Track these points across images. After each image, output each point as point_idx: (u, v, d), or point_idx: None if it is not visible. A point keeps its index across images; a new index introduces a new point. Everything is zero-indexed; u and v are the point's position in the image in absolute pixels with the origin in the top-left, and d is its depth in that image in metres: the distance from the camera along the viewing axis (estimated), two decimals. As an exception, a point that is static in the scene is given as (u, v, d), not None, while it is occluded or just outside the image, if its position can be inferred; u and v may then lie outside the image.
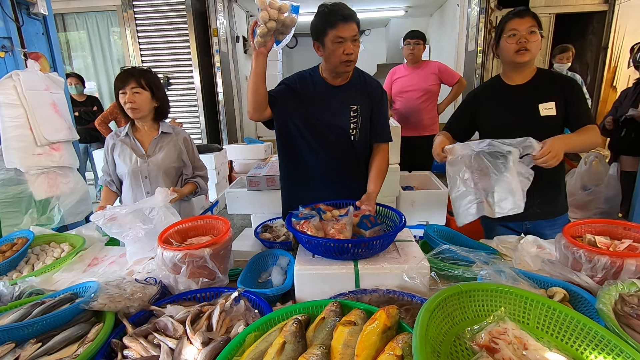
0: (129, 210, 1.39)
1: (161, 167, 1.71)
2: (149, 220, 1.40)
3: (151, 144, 1.73)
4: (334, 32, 1.34)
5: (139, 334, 0.92)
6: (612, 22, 4.55)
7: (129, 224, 1.38)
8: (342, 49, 1.36)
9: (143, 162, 1.71)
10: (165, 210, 1.43)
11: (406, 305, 0.97)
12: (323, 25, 1.36)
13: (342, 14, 1.34)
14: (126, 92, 1.61)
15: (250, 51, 5.96)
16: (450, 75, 3.21)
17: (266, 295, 1.08)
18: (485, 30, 4.86)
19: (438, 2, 6.39)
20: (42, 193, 2.23)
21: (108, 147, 1.76)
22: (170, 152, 1.73)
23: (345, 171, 1.57)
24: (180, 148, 1.76)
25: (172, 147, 1.74)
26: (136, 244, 1.41)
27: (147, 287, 1.08)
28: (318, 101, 1.50)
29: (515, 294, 0.84)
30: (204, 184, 1.83)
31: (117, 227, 1.38)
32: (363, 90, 1.54)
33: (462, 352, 0.74)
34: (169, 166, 1.73)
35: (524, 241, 1.37)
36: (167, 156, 1.72)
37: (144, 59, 5.15)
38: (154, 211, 1.41)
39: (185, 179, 1.80)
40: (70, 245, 1.56)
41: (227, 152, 4.60)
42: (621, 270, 0.97)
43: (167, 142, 1.74)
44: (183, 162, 1.78)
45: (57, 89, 2.29)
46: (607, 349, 0.70)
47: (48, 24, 2.43)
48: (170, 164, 1.73)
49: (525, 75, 1.48)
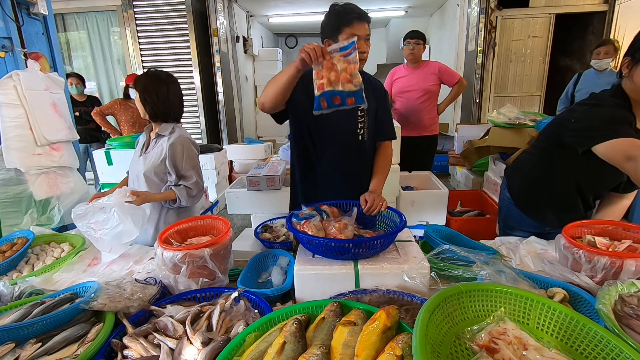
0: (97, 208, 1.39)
1: (142, 169, 1.68)
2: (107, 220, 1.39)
3: (150, 144, 1.74)
4: (349, 29, 1.35)
5: (139, 334, 0.92)
6: (612, 22, 4.55)
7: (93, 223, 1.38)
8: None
9: (137, 161, 1.73)
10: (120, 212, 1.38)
11: (406, 305, 0.97)
12: (338, 22, 1.36)
13: (358, 12, 1.36)
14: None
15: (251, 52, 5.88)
16: (451, 76, 3.21)
17: (266, 295, 1.08)
18: (485, 30, 4.86)
19: (438, 2, 6.40)
20: (42, 193, 2.22)
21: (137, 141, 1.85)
22: (154, 155, 1.68)
23: (352, 170, 1.57)
24: (165, 153, 1.63)
25: (159, 151, 1.68)
26: (96, 243, 1.40)
27: (147, 287, 1.08)
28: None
29: (515, 294, 0.84)
30: (185, 196, 1.63)
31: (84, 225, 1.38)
32: (369, 90, 1.54)
33: (462, 352, 0.74)
34: (150, 169, 1.67)
35: (524, 242, 1.37)
36: (150, 159, 1.68)
37: (144, 59, 5.15)
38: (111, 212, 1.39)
39: (168, 186, 1.68)
40: (70, 245, 1.56)
41: (227, 152, 4.60)
42: (621, 271, 0.97)
43: (159, 144, 1.70)
44: (167, 169, 1.65)
45: (57, 89, 2.29)
46: (607, 350, 0.70)
47: (48, 24, 2.44)
48: (151, 167, 1.66)
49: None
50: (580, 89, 3.41)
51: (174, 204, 1.67)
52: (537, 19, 4.90)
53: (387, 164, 1.59)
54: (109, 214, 1.39)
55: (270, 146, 4.88)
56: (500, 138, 3.03)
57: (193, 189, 1.66)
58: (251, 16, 6.80)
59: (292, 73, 1.25)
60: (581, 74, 3.49)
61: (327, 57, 1.17)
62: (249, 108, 6.88)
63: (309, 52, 1.15)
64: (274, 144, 5.38)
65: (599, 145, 1.21)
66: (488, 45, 4.94)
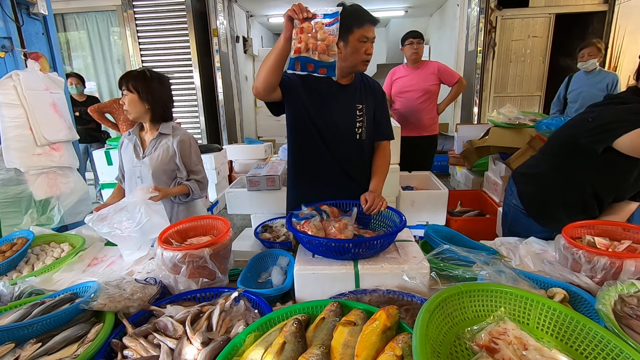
0: (117, 209, 1.40)
1: (150, 168, 1.69)
2: (134, 218, 1.40)
3: (149, 145, 1.73)
4: (361, 31, 1.38)
5: (138, 334, 0.92)
6: (612, 22, 4.55)
7: (116, 223, 1.39)
8: (364, 49, 1.41)
9: (138, 162, 1.72)
10: (146, 208, 1.42)
11: (406, 305, 0.97)
12: (351, 22, 1.38)
13: (371, 15, 1.41)
14: (124, 95, 1.66)
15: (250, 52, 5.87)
16: (450, 75, 3.21)
17: (266, 295, 1.08)
18: (485, 30, 4.86)
19: (438, 2, 6.40)
20: (42, 193, 2.22)
21: (121, 143, 1.81)
22: (162, 154, 1.71)
23: (350, 169, 1.58)
24: (174, 151, 1.70)
25: (165, 150, 1.71)
26: (124, 242, 1.41)
27: (147, 287, 1.08)
28: (327, 98, 1.51)
29: (515, 294, 0.84)
30: (197, 189, 1.75)
31: (107, 227, 1.38)
32: (367, 90, 1.57)
33: (462, 352, 0.74)
34: (158, 168, 1.70)
35: (524, 242, 1.37)
36: (158, 158, 1.70)
37: (144, 59, 5.15)
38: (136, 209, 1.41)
39: (178, 182, 1.74)
40: (70, 245, 1.56)
41: (227, 152, 4.60)
42: (620, 271, 0.97)
43: (164, 143, 1.72)
44: (177, 166, 1.73)
45: (57, 89, 2.28)
46: (607, 349, 0.70)
47: (48, 24, 2.43)
48: (159, 166, 1.70)
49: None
50: (572, 90, 3.48)
51: (186, 198, 1.76)
52: (537, 19, 4.90)
53: (386, 164, 1.61)
54: (134, 212, 1.41)
55: (270, 146, 4.89)
56: (500, 138, 3.03)
57: (203, 182, 1.78)
58: (251, 16, 6.80)
59: (282, 44, 1.24)
60: (571, 76, 3.55)
61: (310, 15, 1.17)
62: (249, 108, 6.88)
63: (294, 8, 1.17)
64: (274, 144, 5.38)
65: (623, 137, 1.16)
66: (488, 45, 4.94)
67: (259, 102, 7.26)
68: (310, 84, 1.48)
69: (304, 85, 1.49)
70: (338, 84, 1.51)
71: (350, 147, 1.56)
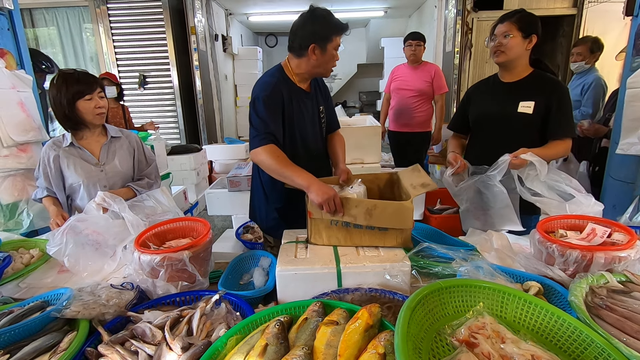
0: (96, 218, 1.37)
1: (118, 173, 1.64)
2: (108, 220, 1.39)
3: (102, 151, 1.63)
4: (337, 39, 1.44)
5: (115, 341, 0.89)
6: (581, 25, 4.74)
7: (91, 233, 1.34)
8: (336, 56, 1.48)
9: (99, 171, 1.62)
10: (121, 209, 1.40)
11: (388, 303, 0.98)
12: (329, 31, 1.41)
13: (345, 24, 1.45)
14: (93, 98, 1.53)
15: (230, 50, 5.78)
16: (439, 85, 3.36)
17: (248, 297, 1.06)
18: (462, 31, 4.97)
19: (416, 3, 6.49)
20: (9, 197, 2.13)
21: (49, 158, 1.58)
22: (124, 157, 1.66)
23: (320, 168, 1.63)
24: (135, 151, 1.69)
25: (125, 152, 1.66)
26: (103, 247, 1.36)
27: (123, 293, 1.04)
28: (300, 112, 1.54)
29: (492, 288, 0.86)
30: (145, 187, 1.67)
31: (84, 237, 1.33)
32: (320, 90, 1.67)
33: (443, 347, 0.75)
34: (127, 172, 1.66)
35: (493, 237, 1.41)
36: (123, 162, 1.65)
37: (118, 57, 4.98)
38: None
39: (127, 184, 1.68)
40: (40, 250, 1.49)
41: (207, 152, 4.52)
42: (591, 264, 1.01)
43: (119, 146, 1.66)
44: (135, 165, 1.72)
45: (25, 87, 2.19)
46: (580, 340, 0.73)
47: (14, 19, 2.32)
48: (127, 170, 1.66)
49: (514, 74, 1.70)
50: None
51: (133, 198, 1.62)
52: (510, 21, 5.04)
53: (344, 145, 1.76)
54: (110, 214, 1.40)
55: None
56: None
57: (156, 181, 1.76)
58: (230, 14, 6.70)
59: (297, 184, 1.31)
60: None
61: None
62: (228, 107, 6.78)
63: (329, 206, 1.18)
64: (255, 143, 5.31)
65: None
66: (465, 47, 5.05)
67: (239, 102, 7.17)
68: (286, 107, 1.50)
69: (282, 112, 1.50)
70: (305, 92, 1.56)
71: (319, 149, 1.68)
